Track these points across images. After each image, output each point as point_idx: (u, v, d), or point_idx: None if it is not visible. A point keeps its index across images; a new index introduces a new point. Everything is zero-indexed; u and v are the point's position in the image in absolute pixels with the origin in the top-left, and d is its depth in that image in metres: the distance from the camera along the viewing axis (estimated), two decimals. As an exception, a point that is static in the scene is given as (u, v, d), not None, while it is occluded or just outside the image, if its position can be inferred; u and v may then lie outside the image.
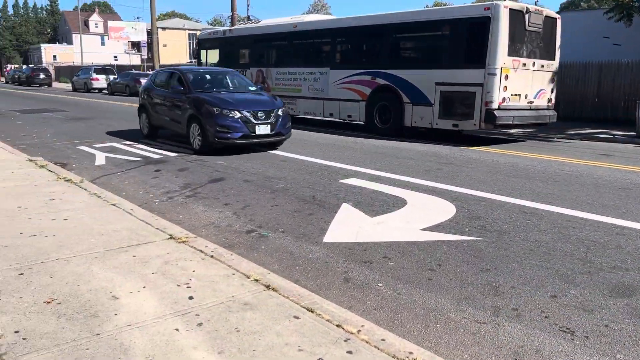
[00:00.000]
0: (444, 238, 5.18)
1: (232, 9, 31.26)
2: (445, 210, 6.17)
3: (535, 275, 4.29)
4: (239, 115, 9.95)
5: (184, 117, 10.76)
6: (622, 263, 4.54)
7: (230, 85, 11.80)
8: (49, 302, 3.34)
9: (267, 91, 17.24)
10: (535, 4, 49.79)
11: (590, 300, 3.82)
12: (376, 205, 6.43)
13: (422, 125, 12.96)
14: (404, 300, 3.86)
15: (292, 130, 11.43)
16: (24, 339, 2.89)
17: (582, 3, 62.29)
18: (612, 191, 7.29)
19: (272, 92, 16.98)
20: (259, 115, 10.12)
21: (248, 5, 42.61)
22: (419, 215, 5.99)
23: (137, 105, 13.22)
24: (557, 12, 17.93)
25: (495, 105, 11.42)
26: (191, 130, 10.53)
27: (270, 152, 10.55)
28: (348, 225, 5.63)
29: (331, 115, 15.47)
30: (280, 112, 10.58)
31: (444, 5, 69.88)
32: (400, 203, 6.50)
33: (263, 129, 10.16)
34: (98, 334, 2.96)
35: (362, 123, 14.67)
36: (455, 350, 3.19)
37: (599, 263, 4.54)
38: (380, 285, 4.12)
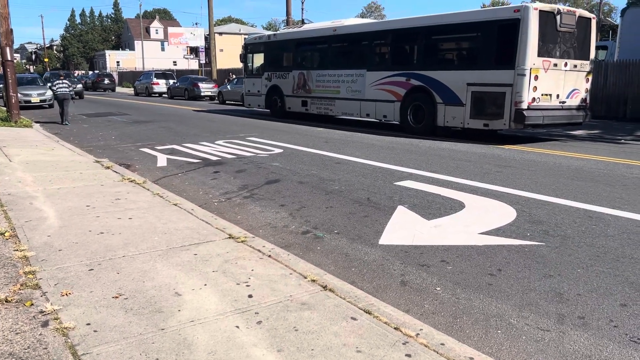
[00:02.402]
0: (504, 242, 5.04)
1: (287, 13, 31.68)
2: (506, 214, 6.01)
3: (602, 282, 4.11)
4: None
5: None
6: (699, 272, 4.27)
7: None
8: (117, 297, 3.50)
9: (308, 93, 17.56)
10: (601, 0, 47.82)
11: (664, 311, 3.62)
12: (433, 208, 6.34)
13: (454, 124, 13.24)
14: (463, 305, 3.78)
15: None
16: (95, 331, 3.03)
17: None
18: (687, 196, 6.87)
19: (313, 93, 17.33)
20: None
21: (302, 9, 42.98)
22: (477, 219, 5.86)
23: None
24: (625, 8, 17.15)
25: (524, 105, 11.57)
26: None
27: (324, 153, 10.60)
28: (404, 228, 5.58)
29: (368, 115, 15.84)
30: None
31: (503, 4, 68.16)
32: (457, 206, 6.38)
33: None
34: (163, 329, 3.07)
35: (397, 123, 14.96)
36: (517, 357, 3.10)
37: (673, 271, 4.29)
38: (438, 289, 4.06)
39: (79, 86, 34.40)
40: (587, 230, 5.40)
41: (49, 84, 22.75)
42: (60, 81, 17.48)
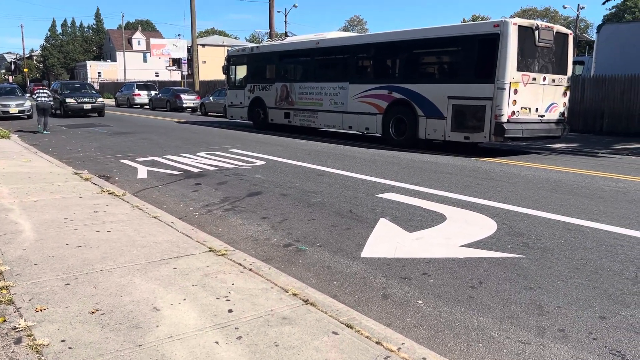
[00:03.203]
0: (485, 255, 5.07)
1: (270, 26, 31.80)
2: (486, 227, 6.05)
3: (581, 294, 4.14)
4: None
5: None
6: (675, 284, 4.33)
7: None
8: (93, 312, 3.42)
9: (291, 105, 17.72)
10: (577, 17, 48.87)
11: (642, 323, 3.66)
12: (414, 220, 6.35)
13: (435, 137, 13.38)
14: (445, 318, 3.78)
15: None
16: (69, 348, 2.95)
17: (626, 15, 60.72)
18: (662, 208, 6.99)
19: (296, 105, 17.40)
20: None
21: (285, 22, 43.19)
22: (459, 231, 5.88)
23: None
24: (601, 24, 17.65)
25: (504, 119, 11.76)
26: None
27: (306, 165, 10.59)
28: (386, 241, 5.58)
29: (350, 127, 15.93)
30: None
31: (483, 19, 69.44)
32: (439, 218, 6.40)
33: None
34: (140, 345, 3.00)
35: (379, 135, 15.05)
36: (498, 371, 3.09)
37: (650, 283, 4.35)
38: (420, 302, 4.05)
39: (100, 100, 27.25)
40: (567, 243, 5.46)
41: (28, 95, 22.59)
42: (41, 91, 17.99)
